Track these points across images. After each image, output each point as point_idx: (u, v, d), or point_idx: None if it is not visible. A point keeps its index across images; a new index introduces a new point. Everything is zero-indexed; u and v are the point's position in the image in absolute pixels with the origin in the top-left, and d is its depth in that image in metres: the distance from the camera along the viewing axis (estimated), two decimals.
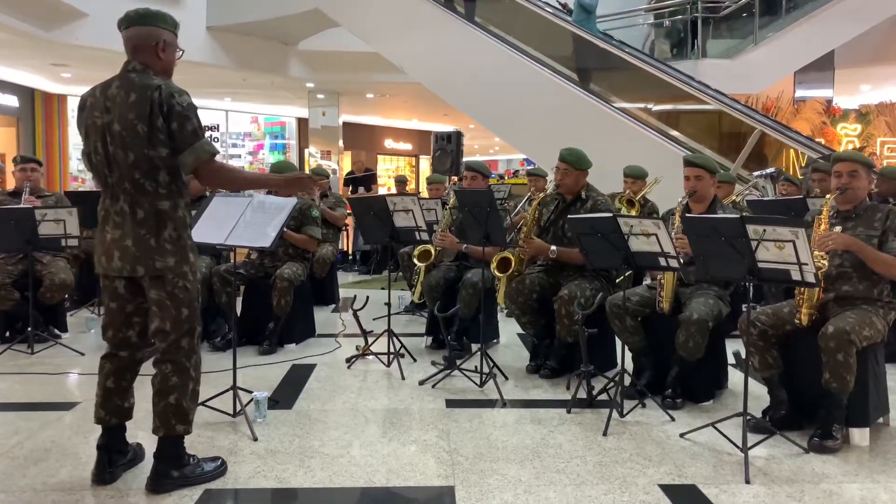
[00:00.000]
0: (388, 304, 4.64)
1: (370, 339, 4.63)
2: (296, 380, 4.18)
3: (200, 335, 2.77)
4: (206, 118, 17.23)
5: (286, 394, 3.89)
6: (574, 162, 4.27)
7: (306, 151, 16.08)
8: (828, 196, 3.39)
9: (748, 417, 3.05)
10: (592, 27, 9.05)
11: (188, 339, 2.68)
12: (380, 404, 3.74)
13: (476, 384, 4.02)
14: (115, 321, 2.72)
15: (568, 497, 2.65)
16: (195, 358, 2.71)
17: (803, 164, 7.75)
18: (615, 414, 3.44)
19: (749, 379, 3.12)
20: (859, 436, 3.21)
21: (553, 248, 4.22)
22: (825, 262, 3.21)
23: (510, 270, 4.32)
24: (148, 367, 2.76)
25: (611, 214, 3.53)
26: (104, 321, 2.76)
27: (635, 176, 6.09)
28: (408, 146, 22.74)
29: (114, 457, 2.74)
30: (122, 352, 2.74)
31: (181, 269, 2.64)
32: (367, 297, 4.88)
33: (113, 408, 2.72)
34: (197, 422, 3.20)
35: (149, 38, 2.63)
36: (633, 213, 5.69)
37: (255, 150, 18.72)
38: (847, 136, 10.27)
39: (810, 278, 2.85)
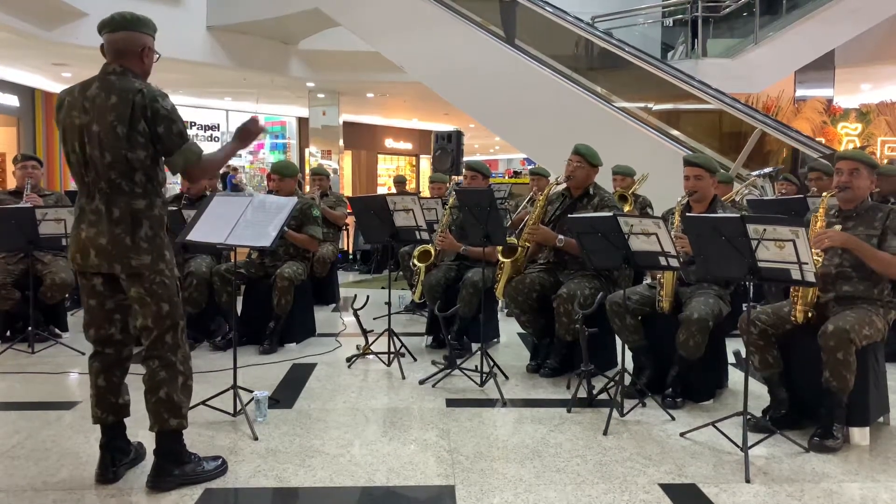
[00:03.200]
0: (389, 304, 4.64)
1: (370, 339, 4.63)
2: (296, 379, 4.18)
3: (185, 329, 2.77)
4: (205, 118, 17.27)
5: (287, 393, 3.89)
6: (588, 156, 4.29)
7: (307, 151, 16.09)
8: (825, 194, 3.39)
9: (748, 417, 3.05)
10: None
11: (171, 335, 2.69)
12: (380, 404, 3.74)
13: (476, 383, 4.02)
14: (95, 318, 2.73)
15: (568, 496, 2.66)
16: (181, 352, 2.72)
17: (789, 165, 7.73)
18: (615, 413, 3.44)
19: (749, 378, 3.12)
20: (859, 435, 3.21)
21: (560, 237, 4.23)
22: (820, 259, 3.21)
23: (516, 255, 4.32)
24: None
25: (611, 214, 3.53)
26: (85, 320, 2.77)
27: (624, 174, 6.28)
28: (408, 146, 22.76)
29: (116, 456, 2.75)
30: (108, 349, 2.75)
31: (157, 267, 2.65)
32: (368, 297, 4.87)
33: (107, 406, 2.73)
34: (197, 421, 3.22)
35: (135, 44, 2.66)
36: (627, 207, 5.75)
37: (255, 150, 18.73)
38: (847, 136, 10.26)
39: (811, 278, 2.85)
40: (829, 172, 3.58)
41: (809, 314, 3.29)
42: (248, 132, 2.87)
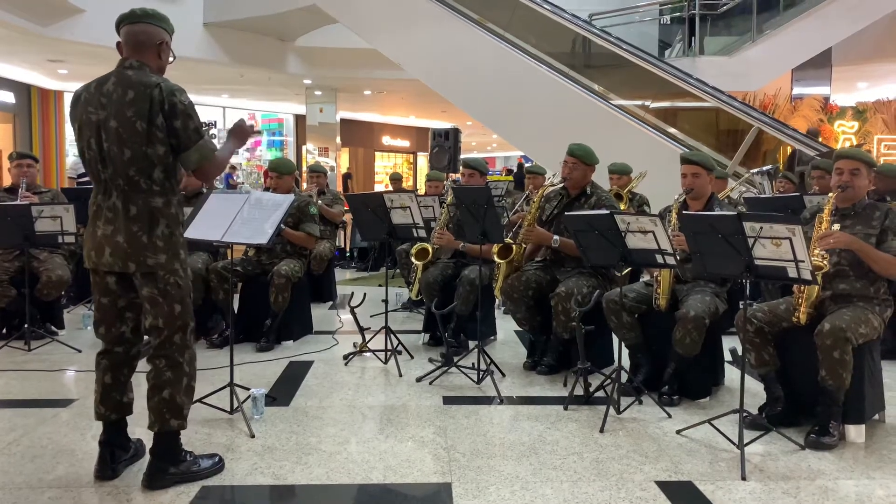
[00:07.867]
0: (386, 301, 4.64)
1: (367, 336, 4.63)
2: (293, 377, 4.18)
3: (193, 330, 2.76)
4: (203, 115, 17.25)
5: (283, 391, 3.89)
6: (582, 157, 4.28)
7: (304, 148, 16.08)
8: (830, 195, 3.38)
9: (745, 414, 3.06)
10: None
11: (181, 335, 2.68)
12: (377, 401, 3.74)
13: (473, 381, 4.02)
14: (107, 317, 2.73)
15: (564, 493, 2.66)
16: (188, 353, 2.71)
17: (793, 163, 7.75)
18: (612, 411, 3.44)
19: (745, 376, 3.13)
20: (855, 433, 3.22)
21: (556, 237, 4.23)
22: (826, 262, 3.21)
23: (511, 255, 4.32)
24: (145, 364, 2.76)
25: (608, 212, 3.53)
26: (96, 317, 2.76)
27: (620, 172, 6.29)
28: (405, 143, 22.75)
29: (116, 452, 2.74)
30: (118, 347, 2.74)
31: (172, 266, 2.65)
32: (365, 294, 4.87)
33: (112, 403, 2.73)
34: (194, 418, 3.21)
35: (153, 38, 2.66)
36: (622, 206, 5.76)
37: (252, 147, 18.71)
38: (844, 134, 10.27)
39: (806, 275, 2.85)
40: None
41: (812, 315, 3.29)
42: (242, 132, 2.93)
